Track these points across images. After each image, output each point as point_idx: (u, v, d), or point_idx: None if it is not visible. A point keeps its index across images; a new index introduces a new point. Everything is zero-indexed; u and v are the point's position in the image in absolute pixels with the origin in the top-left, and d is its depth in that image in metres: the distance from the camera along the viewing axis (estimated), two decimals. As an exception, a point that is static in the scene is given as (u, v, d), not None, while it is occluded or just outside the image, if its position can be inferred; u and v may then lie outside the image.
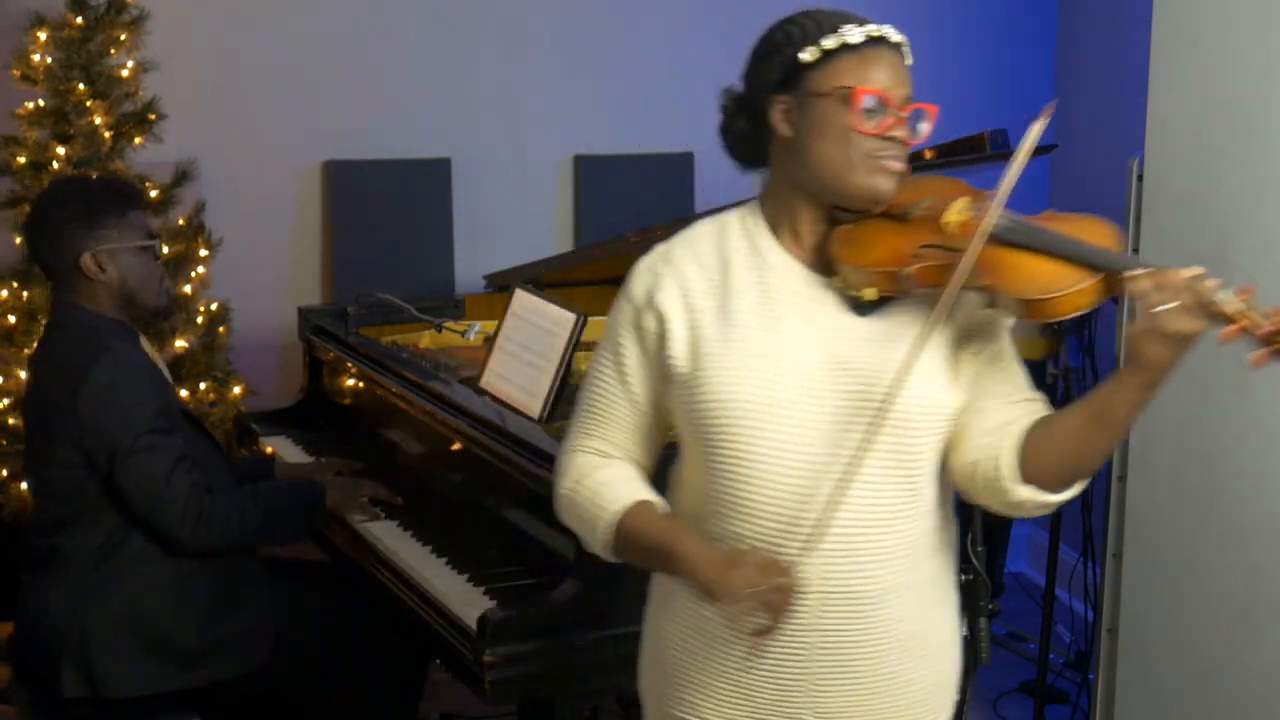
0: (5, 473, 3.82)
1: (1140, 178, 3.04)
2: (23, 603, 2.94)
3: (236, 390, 3.99)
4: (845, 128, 1.82)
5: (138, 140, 3.89)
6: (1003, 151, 3.49)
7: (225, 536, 2.88)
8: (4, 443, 3.82)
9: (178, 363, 3.87)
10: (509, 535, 2.86)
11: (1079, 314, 1.78)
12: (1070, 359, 3.63)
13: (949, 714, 2.02)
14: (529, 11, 4.49)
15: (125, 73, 3.86)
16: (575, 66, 4.55)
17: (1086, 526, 3.66)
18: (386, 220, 4.39)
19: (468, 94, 4.47)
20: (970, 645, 2.98)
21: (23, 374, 3.79)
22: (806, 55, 1.84)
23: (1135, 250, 3.05)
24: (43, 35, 3.79)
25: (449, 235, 4.47)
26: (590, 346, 3.26)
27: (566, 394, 2.98)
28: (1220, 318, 1.68)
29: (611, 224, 4.39)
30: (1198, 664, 2.94)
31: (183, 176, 3.96)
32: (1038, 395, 1.92)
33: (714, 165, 5.06)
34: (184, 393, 3.49)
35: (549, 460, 2.66)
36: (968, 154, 3.42)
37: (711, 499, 1.88)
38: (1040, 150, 4.00)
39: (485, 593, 2.70)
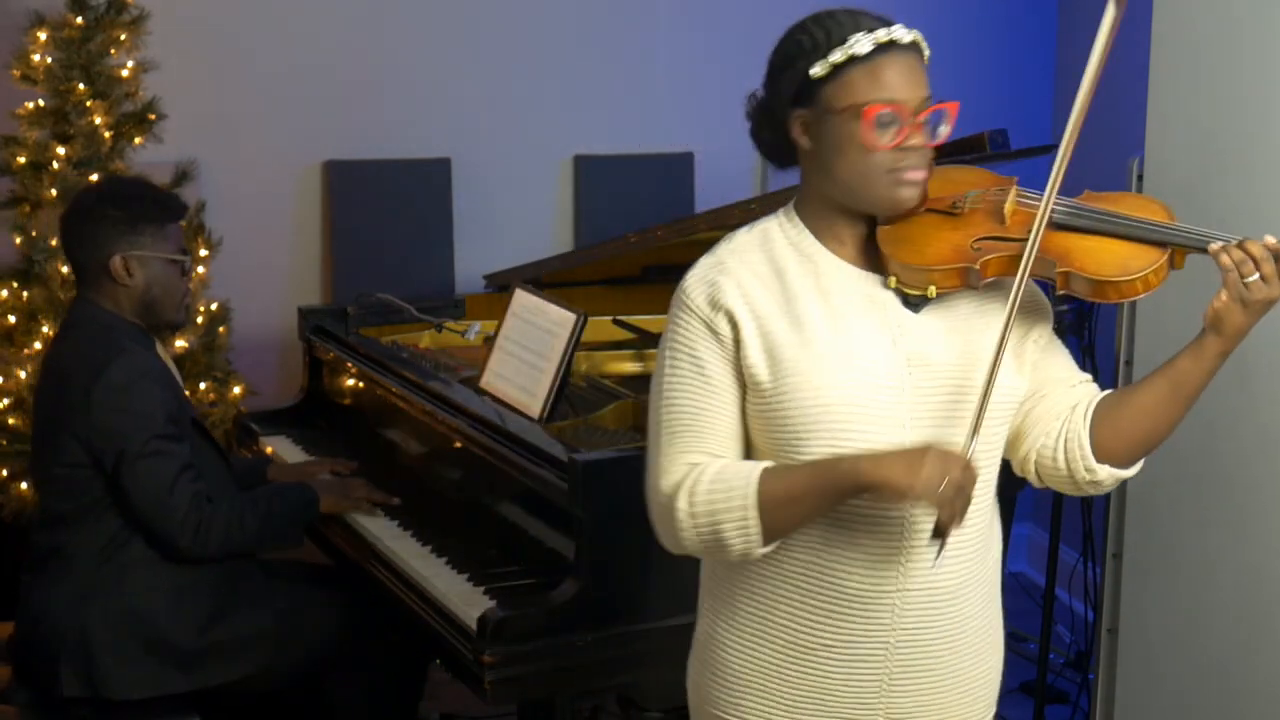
0: (5, 473, 3.82)
1: (1140, 178, 3.04)
2: (24, 600, 2.94)
3: (236, 390, 3.99)
4: (860, 145, 1.80)
5: (138, 140, 3.89)
6: (1003, 152, 3.48)
7: (223, 546, 2.88)
8: (4, 443, 3.82)
9: (178, 363, 3.86)
10: (509, 535, 2.86)
11: (1149, 294, 1.82)
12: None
13: (995, 710, 2.04)
14: (529, 11, 4.49)
15: (125, 73, 3.86)
16: (575, 66, 4.54)
17: (1086, 526, 3.66)
18: (386, 220, 4.39)
19: (468, 94, 4.47)
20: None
21: (23, 374, 3.80)
22: (817, 70, 1.81)
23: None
24: (43, 35, 3.79)
25: (449, 235, 4.47)
26: (590, 347, 3.30)
27: (566, 394, 2.99)
28: None
29: (611, 224, 4.38)
30: (1198, 664, 2.94)
31: (183, 176, 3.96)
32: (1087, 376, 1.96)
33: (714, 165, 5.10)
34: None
35: (549, 460, 2.66)
36: (968, 154, 3.42)
37: None
38: (1041, 150, 4.02)
39: (485, 593, 2.70)
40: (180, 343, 3.90)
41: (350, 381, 3.65)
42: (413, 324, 3.69)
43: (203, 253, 3.98)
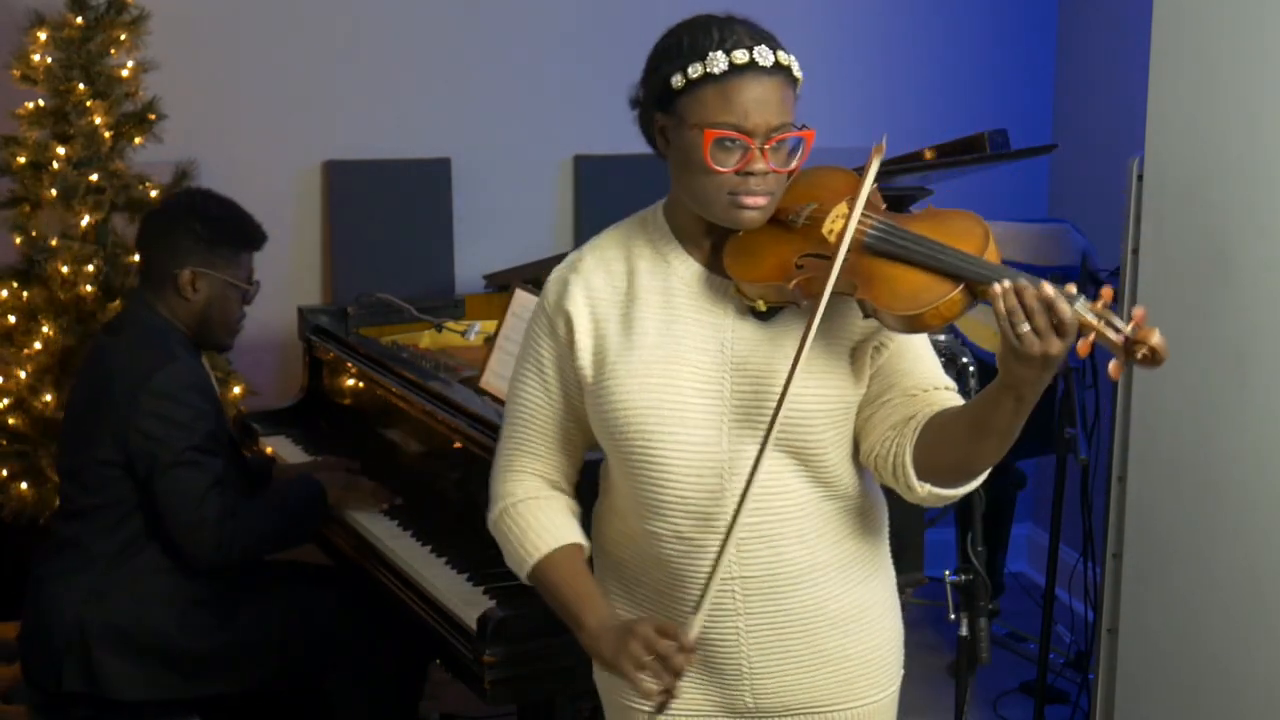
0: (5, 473, 3.82)
1: (1140, 178, 3.04)
2: (35, 591, 2.94)
3: (236, 390, 3.99)
4: (702, 163, 1.81)
5: (138, 140, 3.89)
6: (1002, 152, 3.48)
7: (244, 556, 2.94)
8: (4, 443, 3.82)
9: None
10: (509, 535, 2.86)
11: (951, 322, 1.77)
12: (1070, 360, 3.63)
13: (897, 685, 2.05)
14: (529, 11, 4.49)
15: (125, 73, 3.86)
16: (575, 66, 4.54)
17: (1086, 526, 3.66)
18: (386, 220, 4.39)
19: (468, 94, 4.47)
20: (970, 645, 2.99)
21: (22, 374, 3.79)
22: (676, 80, 1.83)
23: (1135, 251, 3.05)
24: (43, 35, 3.79)
25: (449, 235, 4.47)
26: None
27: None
28: (1084, 329, 1.64)
29: (611, 224, 4.38)
30: (1198, 664, 2.94)
31: (183, 176, 3.95)
32: (944, 384, 1.93)
33: (714, 165, 5.00)
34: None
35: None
36: (968, 154, 3.42)
37: (631, 499, 1.94)
38: (1041, 150, 4.02)
39: (485, 593, 2.70)
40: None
41: (350, 381, 3.65)
42: (413, 324, 3.70)
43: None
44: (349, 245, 4.37)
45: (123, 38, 3.84)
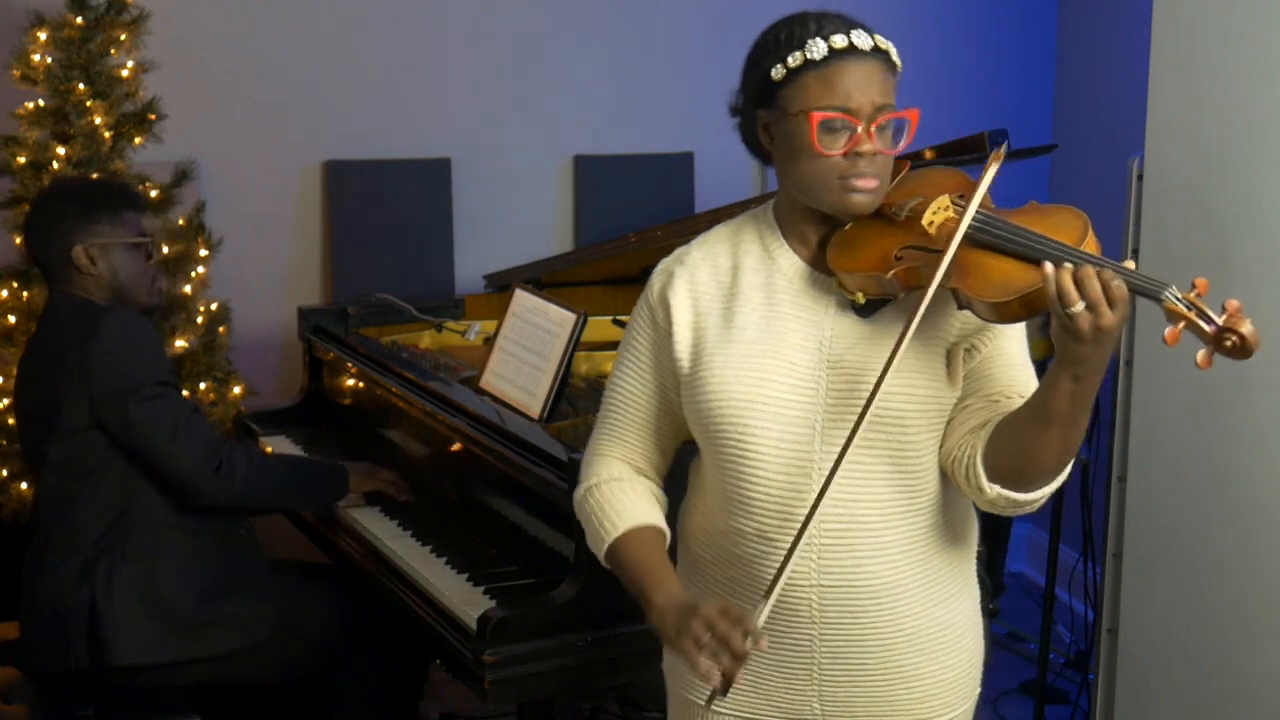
0: (5, 473, 3.82)
1: (1140, 178, 3.04)
2: (31, 582, 2.93)
3: (236, 390, 3.98)
4: (809, 149, 1.82)
5: (138, 140, 3.89)
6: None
7: (247, 488, 2.90)
8: (4, 443, 3.82)
9: (178, 362, 3.87)
10: (509, 535, 2.86)
11: (1043, 312, 1.74)
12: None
13: (971, 703, 2.03)
14: (529, 12, 4.49)
15: (125, 73, 3.86)
16: (575, 66, 4.55)
17: (1086, 526, 3.66)
18: (386, 220, 4.39)
19: (468, 94, 4.47)
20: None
21: (22, 374, 3.79)
22: (775, 74, 1.84)
23: (1135, 251, 3.05)
24: (43, 35, 3.79)
25: (449, 235, 4.47)
26: (590, 347, 3.30)
27: (566, 394, 2.99)
28: (1175, 317, 1.66)
29: (611, 224, 4.39)
30: (1198, 664, 2.94)
31: (183, 176, 3.95)
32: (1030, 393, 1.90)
33: (714, 165, 5.09)
34: (184, 393, 3.49)
35: (549, 460, 2.67)
36: (967, 154, 3.42)
37: (719, 495, 1.94)
38: (1041, 150, 4.02)
39: (485, 593, 2.70)
40: (180, 343, 3.90)
41: (350, 381, 3.65)
42: (413, 324, 3.70)
43: (203, 253, 3.98)
44: (349, 245, 4.37)
45: (123, 38, 3.84)
